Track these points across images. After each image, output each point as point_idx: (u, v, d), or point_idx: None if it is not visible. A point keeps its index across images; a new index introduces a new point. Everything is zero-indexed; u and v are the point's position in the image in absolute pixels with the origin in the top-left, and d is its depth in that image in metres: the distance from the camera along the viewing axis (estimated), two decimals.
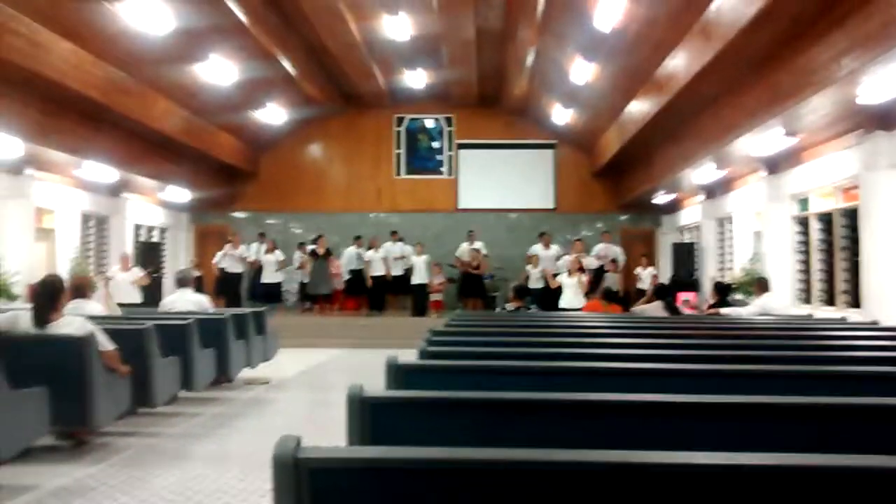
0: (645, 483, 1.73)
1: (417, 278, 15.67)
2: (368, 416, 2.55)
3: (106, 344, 5.67)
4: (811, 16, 7.43)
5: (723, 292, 9.48)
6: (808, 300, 11.13)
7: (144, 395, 6.28)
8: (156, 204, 17.19)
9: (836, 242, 10.25)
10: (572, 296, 11.89)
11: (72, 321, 5.69)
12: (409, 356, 4.05)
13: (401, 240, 16.51)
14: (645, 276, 14.72)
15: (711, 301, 9.57)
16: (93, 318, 6.51)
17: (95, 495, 4.70)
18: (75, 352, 5.41)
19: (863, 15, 6.59)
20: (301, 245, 16.82)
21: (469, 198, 18.85)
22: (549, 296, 13.95)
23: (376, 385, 3.27)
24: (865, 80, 7.20)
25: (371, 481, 1.79)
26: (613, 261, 15.09)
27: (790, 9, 7.33)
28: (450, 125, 19.10)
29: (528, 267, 15.18)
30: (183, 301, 8.67)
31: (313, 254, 15.56)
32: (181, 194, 16.42)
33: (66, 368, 5.38)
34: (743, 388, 3.27)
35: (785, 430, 2.56)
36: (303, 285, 16.62)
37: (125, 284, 12.19)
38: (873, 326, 6.89)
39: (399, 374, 3.44)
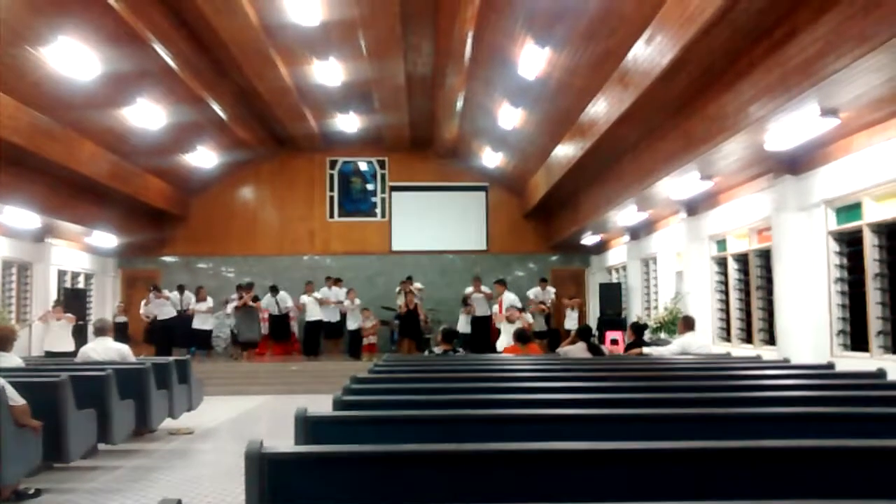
0: None
1: (351, 323, 15.69)
2: (267, 475, 2.47)
3: (16, 398, 5.50)
4: (720, 66, 7.80)
5: (639, 332, 9.77)
6: (728, 338, 11.46)
7: (58, 450, 6.10)
8: (81, 249, 16.77)
9: (753, 282, 10.62)
10: (509, 340, 12.02)
11: None
12: (327, 405, 4.01)
13: (338, 280, 16.47)
14: (571, 317, 15.01)
15: (629, 341, 9.81)
16: (5, 370, 6.33)
17: None
18: None
19: (764, 67, 6.96)
20: (239, 287, 16.10)
21: (402, 240, 18.94)
22: (478, 339, 14.19)
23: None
24: (771, 128, 7.56)
25: None
26: (542, 303, 15.26)
27: (701, 60, 7.67)
28: (383, 168, 19.21)
29: (461, 312, 15.38)
30: (103, 349, 8.44)
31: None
32: (108, 239, 16.07)
33: None
34: (658, 432, 3.33)
35: (697, 475, 2.59)
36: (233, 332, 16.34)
37: (61, 333, 11.81)
38: (784, 364, 7.17)
39: (308, 427, 3.32)
